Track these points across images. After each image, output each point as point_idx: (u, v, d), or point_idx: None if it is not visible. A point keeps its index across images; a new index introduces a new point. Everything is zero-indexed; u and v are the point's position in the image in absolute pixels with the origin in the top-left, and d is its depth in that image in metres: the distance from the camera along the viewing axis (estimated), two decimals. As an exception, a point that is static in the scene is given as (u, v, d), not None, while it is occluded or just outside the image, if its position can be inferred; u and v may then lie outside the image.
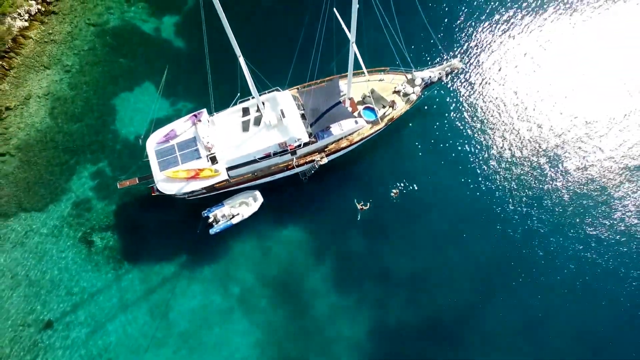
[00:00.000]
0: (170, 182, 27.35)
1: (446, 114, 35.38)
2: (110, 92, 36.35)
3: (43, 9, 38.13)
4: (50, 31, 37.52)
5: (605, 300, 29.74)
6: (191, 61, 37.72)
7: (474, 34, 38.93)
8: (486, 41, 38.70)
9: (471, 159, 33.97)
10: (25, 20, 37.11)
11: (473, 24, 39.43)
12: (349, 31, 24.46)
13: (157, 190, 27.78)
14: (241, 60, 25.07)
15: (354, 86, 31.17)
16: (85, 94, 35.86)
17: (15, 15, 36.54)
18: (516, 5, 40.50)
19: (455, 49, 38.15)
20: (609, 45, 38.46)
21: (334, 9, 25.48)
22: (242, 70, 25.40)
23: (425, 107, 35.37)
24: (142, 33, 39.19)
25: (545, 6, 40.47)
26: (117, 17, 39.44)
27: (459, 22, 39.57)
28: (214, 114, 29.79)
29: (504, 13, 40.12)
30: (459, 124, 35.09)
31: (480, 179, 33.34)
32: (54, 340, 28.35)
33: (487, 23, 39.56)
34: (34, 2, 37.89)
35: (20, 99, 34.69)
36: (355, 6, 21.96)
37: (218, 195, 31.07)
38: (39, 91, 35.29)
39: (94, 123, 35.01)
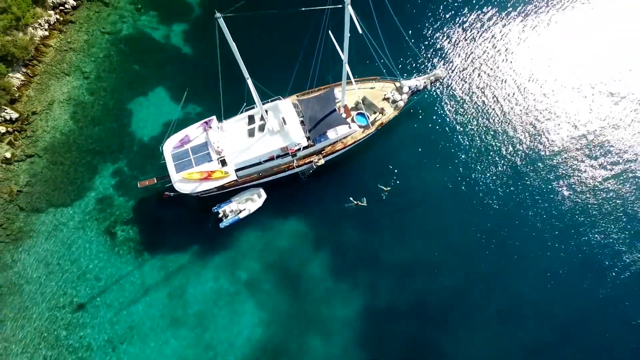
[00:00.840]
0: (186, 182, 31.08)
1: (431, 119, 39.00)
2: (126, 96, 39.75)
3: (61, 19, 41.23)
4: (69, 40, 40.68)
5: (580, 289, 33.78)
6: (198, 67, 41.09)
7: (454, 46, 42.30)
8: (465, 51, 42.07)
9: (454, 160, 37.73)
10: (46, 30, 40.24)
11: (453, 38, 42.70)
12: (342, 52, 27.94)
13: (173, 190, 31.43)
14: (249, 82, 28.51)
15: (347, 93, 34.70)
16: (103, 99, 39.25)
17: (37, 26, 39.67)
18: (489, 19, 43.75)
19: (438, 60, 41.50)
20: (586, 46, 42.05)
21: (329, 32, 28.85)
22: (249, 88, 28.86)
23: (412, 111, 38.92)
24: (153, 40, 42.38)
25: (514, 18, 43.77)
26: (130, 25, 42.55)
27: (439, 36, 42.85)
28: (223, 120, 33.32)
29: (479, 27, 43.39)
30: (443, 128, 38.76)
31: (459, 177, 37.16)
32: (84, 320, 32.42)
33: (465, 35, 42.88)
34: (52, 12, 40.98)
35: (45, 104, 38.10)
36: (347, 35, 25.39)
37: (226, 192, 34.82)
38: (61, 97, 38.67)
39: (112, 126, 38.50)
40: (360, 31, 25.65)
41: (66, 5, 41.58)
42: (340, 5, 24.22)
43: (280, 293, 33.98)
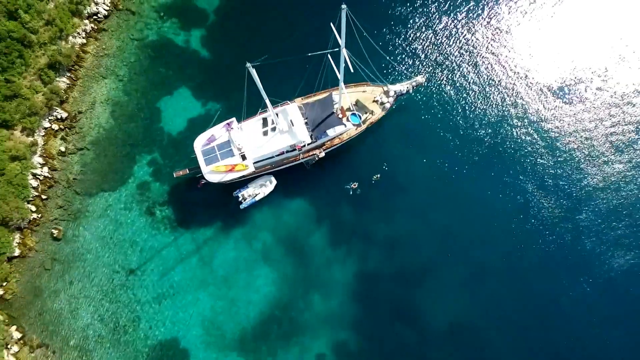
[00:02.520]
0: (214, 174, 38.76)
1: (413, 117, 46.30)
2: (155, 96, 46.66)
3: (95, 27, 47.43)
4: (104, 46, 47.11)
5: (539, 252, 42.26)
6: (214, 68, 47.74)
7: (431, 58, 48.70)
8: (441, 62, 48.55)
9: (433, 151, 45.31)
10: (83, 38, 46.56)
11: (430, 51, 48.95)
12: (339, 73, 35.07)
13: (205, 180, 39.13)
14: (267, 102, 35.97)
15: (342, 96, 41.80)
16: (136, 98, 46.17)
17: (76, 34, 45.97)
18: (460, 34, 50.03)
19: (419, 68, 48.05)
20: (548, 53, 48.90)
21: (328, 55, 35.83)
22: (267, 104, 36.34)
23: (397, 111, 46.09)
24: (175, 45, 48.80)
25: (479, 29, 50.19)
26: (154, 32, 48.81)
27: (420, 49, 49.15)
28: (242, 122, 40.58)
29: (451, 42, 49.66)
30: (423, 124, 46.15)
31: (437, 165, 44.88)
32: (135, 282, 40.93)
33: (440, 49, 49.11)
34: (87, 22, 47.15)
35: (88, 104, 45.07)
36: (342, 68, 32.50)
37: (244, 180, 42.52)
38: (101, 97, 45.57)
39: (144, 122, 45.65)
40: (352, 70, 33.12)
41: (99, 15, 47.62)
42: (337, 49, 31.28)
43: (289, 260, 42.38)
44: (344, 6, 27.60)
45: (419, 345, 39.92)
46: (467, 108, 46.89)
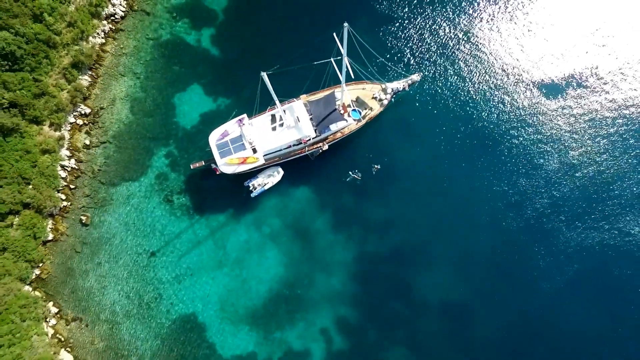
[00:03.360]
0: (228, 166, 42.77)
1: (409, 112, 50.04)
2: (169, 92, 50.29)
3: (113, 28, 50.77)
4: (121, 46, 50.54)
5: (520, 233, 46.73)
6: (224, 66, 51.23)
7: (426, 58, 52.05)
8: (435, 60, 51.95)
9: (427, 143, 49.20)
10: (102, 38, 49.95)
11: (425, 52, 52.30)
12: (342, 76, 38.83)
13: (220, 171, 43.17)
14: (277, 102, 40.00)
15: (344, 93, 45.51)
16: (153, 95, 49.82)
17: (95, 35, 49.36)
18: (451, 37, 53.42)
19: (414, 67, 51.46)
20: (533, 50, 52.49)
21: (332, 61, 39.59)
22: (277, 104, 40.29)
23: (394, 106, 49.84)
24: (187, 44, 52.20)
25: (468, 33, 53.59)
26: (168, 31, 52.15)
27: (415, 49, 52.59)
28: (252, 117, 44.40)
29: (444, 43, 53.11)
30: (418, 118, 49.94)
31: (431, 156, 48.87)
32: (156, 263, 45.34)
33: (434, 50, 52.47)
34: (105, 22, 50.48)
35: (109, 101, 48.76)
36: (343, 76, 36.30)
37: (254, 171, 46.52)
38: (121, 94, 49.23)
39: (161, 117, 49.39)
40: (353, 77, 37.13)
41: (116, 16, 50.90)
42: (340, 57, 35.05)
43: (295, 243, 46.74)
44: (345, 24, 31.38)
45: (412, 318, 44.68)
46: (458, 103, 50.61)
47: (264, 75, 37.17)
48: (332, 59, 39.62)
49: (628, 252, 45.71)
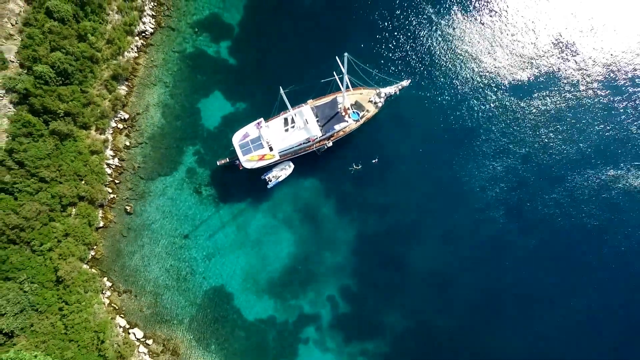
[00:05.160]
0: (249, 162, 51.15)
1: (401, 112, 58.12)
2: (195, 99, 58.32)
3: (144, 43, 58.59)
4: (152, 59, 58.43)
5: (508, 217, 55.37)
6: (240, 74, 59.03)
7: (412, 66, 59.85)
8: (422, 69, 59.79)
9: (418, 139, 57.39)
10: (135, 52, 57.81)
11: (412, 60, 60.11)
12: (342, 87, 46.94)
13: (243, 166, 51.56)
14: (290, 110, 48.22)
15: (345, 98, 53.62)
16: (181, 101, 57.87)
17: (130, 50, 57.23)
18: (436, 46, 61.21)
19: (404, 74, 59.21)
20: (518, 60, 60.31)
21: (335, 77, 47.84)
22: (290, 110, 48.58)
23: (387, 108, 57.90)
24: (208, 56, 59.99)
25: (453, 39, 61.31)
26: (191, 45, 59.94)
27: (405, 58, 60.47)
28: (269, 120, 52.58)
29: (430, 52, 61.00)
30: (409, 117, 58.02)
31: (423, 150, 57.11)
32: (189, 244, 54.05)
33: (420, 58, 60.44)
34: (137, 38, 58.28)
35: (144, 107, 56.88)
36: (344, 88, 44.44)
37: (270, 165, 54.84)
38: (153, 101, 57.31)
39: (188, 121, 57.50)
40: (352, 89, 45.39)
41: (146, 32, 58.65)
42: (341, 75, 43.36)
43: (305, 225, 55.36)
44: (346, 54, 39.53)
45: (405, 285, 53.67)
46: (444, 103, 58.68)
47: (283, 93, 45.82)
48: (336, 77, 47.86)
49: (581, 224, 54.63)
